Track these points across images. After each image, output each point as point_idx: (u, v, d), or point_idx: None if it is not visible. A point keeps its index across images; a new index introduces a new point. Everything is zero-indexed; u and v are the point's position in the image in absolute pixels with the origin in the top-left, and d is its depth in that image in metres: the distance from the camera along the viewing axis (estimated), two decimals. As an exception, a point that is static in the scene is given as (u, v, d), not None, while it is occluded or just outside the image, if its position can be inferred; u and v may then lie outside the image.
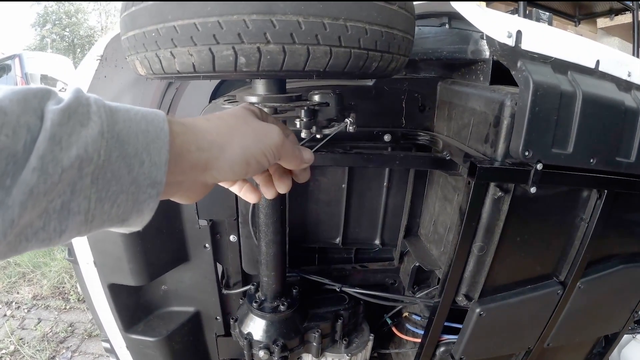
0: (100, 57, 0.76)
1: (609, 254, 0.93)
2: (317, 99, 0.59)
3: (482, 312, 0.81)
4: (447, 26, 0.83)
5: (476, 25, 0.66)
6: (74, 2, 17.16)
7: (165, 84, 1.13)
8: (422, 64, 0.90)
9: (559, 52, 0.71)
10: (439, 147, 0.84)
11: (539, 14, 2.27)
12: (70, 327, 2.25)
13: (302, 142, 0.72)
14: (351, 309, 0.91)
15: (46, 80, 6.67)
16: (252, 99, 0.58)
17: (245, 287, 0.94)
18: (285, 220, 0.76)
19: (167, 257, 0.93)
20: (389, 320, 1.05)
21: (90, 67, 0.77)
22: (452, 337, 0.89)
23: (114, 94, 0.99)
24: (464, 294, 0.80)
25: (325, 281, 0.92)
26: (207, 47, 0.40)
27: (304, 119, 0.58)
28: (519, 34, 0.68)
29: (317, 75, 0.43)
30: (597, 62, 0.76)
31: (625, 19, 2.69)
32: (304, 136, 0.60)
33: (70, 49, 17.08)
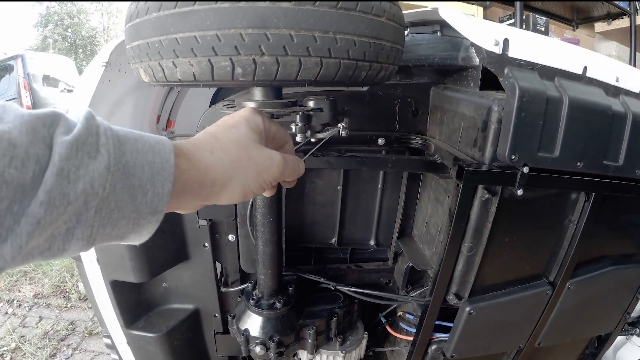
0: (105, 64, 0.79)
1: (598, 255, 0.95)
2: (311, 104, 0.62)
3: (472, 311, 0.83)
4: (439, 34, 0.86)
5: (464, 33, 0.69)
6: (76, 2, 17.26)
7: (167, 89, 1.16)
8: (416, 70, 0.93)
9: (546, 59, 0.73)
10: (431, 150, 0.86)
11: (536, 19, 2.30)
12: (71, 325, 2.28)
13: (297, 146, 0.75)
14: (346, 308, 0.94)
15: (48, 80, 6.70)
16: (250, 105, 0.60)
17: (243, 285, 0.97)
18: (281, 220, 0.79)
19: (168, 255, 0.96)
20: (383, 319, 1.07)
21: (95, 73, 0.80)
22: (443, 336, 0.92)
23: (117, 97, 1.03)
24: (454, 293, 0.83)
25: (320, 280, 0.95)
26: (206, 58, 0.43)
27: (299, 124, 0.61)
28: (506, 41, 0.70)
29: (309, 84, 0.45)
30: (585, 68, 0.78)
31: (622, 23, 2.72)
32: (299, 140, 0.63)
33: (72, 50, 17.16)
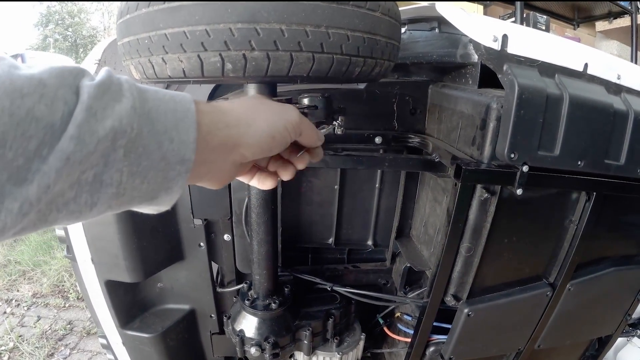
0: (98, 61, 0.78)
1: (599, 256, 0.94)
2: (306, 102, 0.60)
3: (470, 313, 0.82)
4: (437, 30, 0.85)
5: (462, 30, 0.67)
6: (77, 2, 17.27)
7: (163, 86, 1.15)
8: (413, 68, 0.92)
9: (546, 55, 0.71)
10: (429, 149, 0.85)
11: (537, 18, 2.28)
12: (69, 325, 2.27)
13: None
14: (342, 309, 0.92)
15: (49, 80, 6.72)
16: None
17: (238, 286, 0.96)
18: (276, 220, 0.78)
19: (163, 255, 0.95)
20: (381, 320, 1.06)
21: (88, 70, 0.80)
22: (442, 337, 0.91)
23: (112, 96, 1.02)
24: (452, 295, 0.81)
25: (317, 280, 0.93)
26: (195, 54, 0.42)
27: None
28: (505, 38, 0.69)
29: (301, 80, 0.44)
30: (586, 65, 0.77)
31: (623, 22, 2.70)
32: None
33: (72, 49, 17.17)
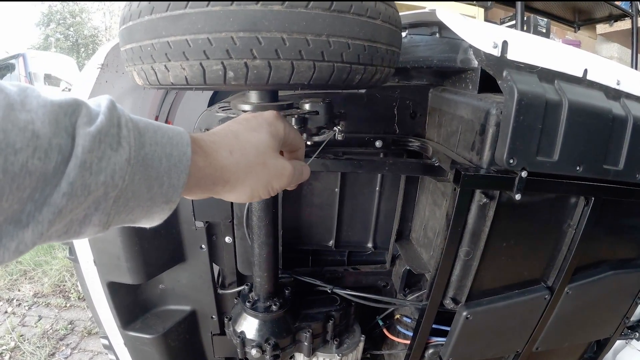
0: (101, 65, 0.79)
1: (597, 260, 0.94)
2: (307, 107, 0.61)
3: (469, 315, 0.82)
4: (437, 35, 0.86)
5: (461, 35, 0.68)
6: (78, 1, 17.29)
7: (164, 90, 1.16)
8: (414, 72, 0.93)
9: (545, 61, 0.72)
10: (429, 153, 0.86)
11: (537, 21, 2.28)
12: (70, 325, 2.28)
13: None
14: (342, 310, 0.93)
15: (50, 79, 6.72)
16: (245, 107, 0.60)
17: (239, 287, 0.97)
18: (277, 222, 0.78)
19: (164, 257, 0.96)
20: (380, 322, 1.07)
21: (91, 74, 0.80)
22: (440, 339, 0.91)
23: (115, 98, 1.02)
24: (451, 297, 0.82)
25: (317, 282, 0.94)
26: (198, 62, 0.43)
27: (295, 127, 0.60)
28: (505, 44, 0.70)
29: (302, 87, 0.45)
30: (585, 70, 0.77)
31: (624, 25, 2.70)
32: None
33: (74, 49, 17.20)
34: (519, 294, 0.88)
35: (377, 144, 0.86)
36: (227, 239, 0.94)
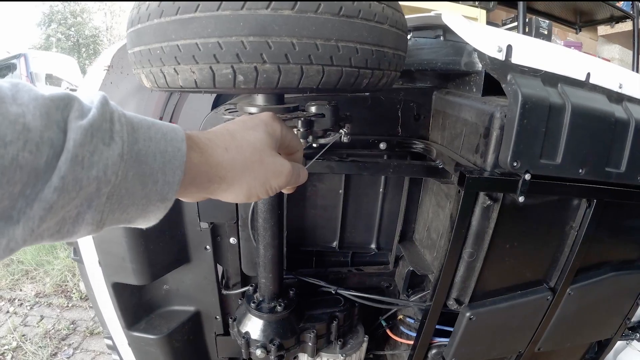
0: (107, 67, 0.80)
1: (599, 261, 0.95)
2: (313, 110, 0.62)
3: (472, 316, 0.83)
4: (442, 38, 0.86)
5: (467, 40, 0.69)
6: (79, 1, 17.30)
7: (168, 94, 1.16)
8: (418, 74, 0.93)
9: (549, 65, 0.72)
10: (432, 155, 0.86)
11: (539, 22, 2.29)
12: (72, 325, 2.28)
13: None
14: (346, 311, 0.94)
15: (51, 79, 6.72)
16: (252, 110, 0.61)
17: (244, 288, 0.97)
18: (282, 224, 0.79)
19: (169, 258, 0.96)
20: (384, 322, 1.07)
21: (97, 76, 0.81)
22: (443, 340, 0.92)
23: (119, 99, 1.03)
24: (454, 298, 0.83)
25: (321, 283, 0.95)
26: (207, 66, 0.43)
27: (301, 129, 0.61)
28: (509, 48, 0.70)
29: (310, 91, 0.45)
30: (588, 74, 0.78)
31: (625, 26, 2.71)
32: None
33: (75, 49, 17.20)
34: (521, 294, 0.88)
35: (382, 146, 0.86)
36: (232, 240, 0.95)
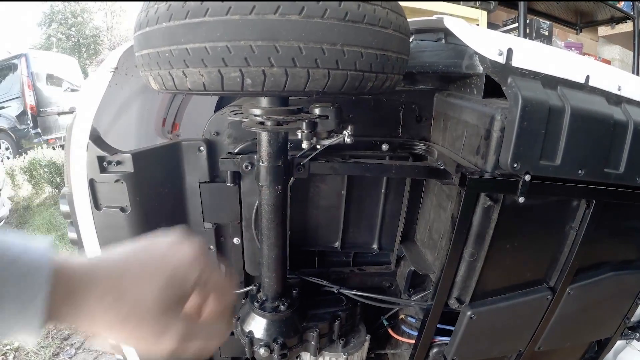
0: (114, 69, 0.81)
1: (598, 261, 0.96)
2: (317, 112, 0.63)
3: (473, 315, 0.84)
4: (443, 41, 0.87)
5: (468, 43, 0.70)
6: (80, 1, 17.31)
7: (172, 93, 1.17)
8: (419, 77, 0.94)
9: (549, 68, 0.73)
10: (434, 156, 0.87)
11: (540, 23, 2.30)
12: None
13: (302, 152, 0.76)
14: (348, 311, 0.95)
15: (52, 79, 6.72)
16: (256, 112, 0.62)
17: (247, 288, 0.98)
18: (286, 225, 0.80)
19: (173, 257, 0.97)
20: (385, 321, 1.08)
21: (104, 77, 0.82)
22: (445, 339, 0.93)
23: (124, 100, 1.04)
24: (455, 298, 0.84)
25: (324, 283, 0.96)
26: (216, 69, 0.44)
27: (305, 131, 0.62)
28: (510, 51, 0.71)
29: (316, 94, 0.47)
30: (587, 77, 0.79)
31: (626, 27, 2.72)
32: (305, 147, 0.64)
33: (75, 49, 17.21)
34: (521, 294, 0.89)
35: (384, 147, 0.87)
36: (236, 240, 0.96)
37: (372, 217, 1.01)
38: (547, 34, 2.34)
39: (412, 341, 1.02)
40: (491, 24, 2.45)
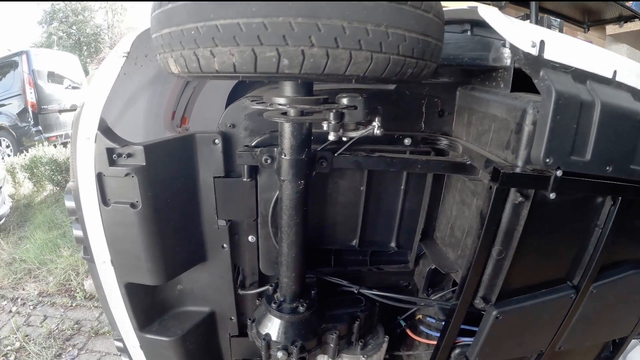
0: (126, 54, 0.76)
1: (621, 259, 0.94)
2: (345, 102, 0.60)
3: (498, 315, 0.81)
4: (469, 33, 0.84)
5: (502, 34, 0.67)
6: (81, 1, 17.24)
7: (182, 84, 1.14)
8: (442, 69, 0.91)
9: (578, 62, 0.72)
10: (458, 151, 0.84)
11: (550, 21, 2.27)
12: (76, 325, 2.25)
13: (325, 144, 0.73)
14: (368, 311, 0.91)
15: (53, 77, 6.67)
16: (280, 101, 0.58)
17: (262, 288, 0.95)
18: (307, 221, 0.77)
19: (185, 256, 0.94)
20: (402, 322, 1.05)
21: (115, 63, 0.77)
22: (466, 340, 0.90)
23: (132, 92, 1.00)
24: (481, 297, 0.81)
25: (343, 283, 0.92)
26: (250, 48, 0.41)
27: (332, 122, 0.59)
28: (542, 43, 0.69)
29: (355, 80, 0.43)
30: (615, 72, 0.77)
31: (634, 26, 2.70)
32: (332, 138, 0.61)
33: (76, 47, 17.13)
34: (545, 293, 0.87)
35: (406, 141, 0.84)
36: (251, 238, 0.93)
37: (391, 215, 0.98)
38: (557, 31, 2.31)
39: (431, 342, 0.99)
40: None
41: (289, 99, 0.58)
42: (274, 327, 0.82)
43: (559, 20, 2.28)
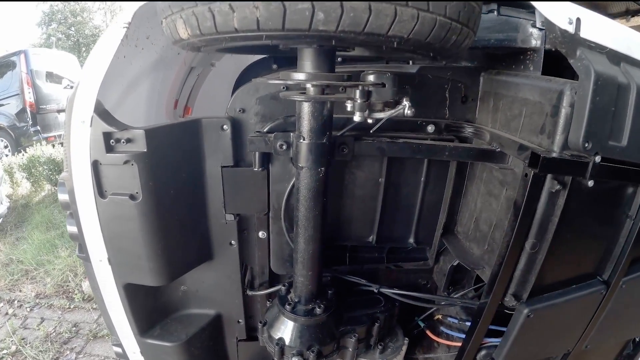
0: (127, 24, 0.68)
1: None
2: (372, 78, 0.54)
3: (530, 313, 0.77)
4: (495, 13, 0.79)
5: (539, 8, 0.63)
6: (80, 1, 17.18)
7: (186, 70, 1.07)
8: (465, 52, 0.86)
9: (613, 42, 0.68)
10: (485, 138, 0.79)
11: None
12: (74, 328, 2.19)
13: (348, 127, 0.66)
14: (388, 312, 0.85)
15: (51, 77, 6.61)
16: (300, 77, 0.53)
17: (274, 288, 0.88)
18: (326, 214, 0.70)
19: (190, 255, 0.87)
20: (421, 323, 0.99)
21: (115, 35, 0.69)
22: (494, 340, 0.84)
23: (132, 77, 0.92)
24: (512, 294, 0.75)
25: (362, 282, 0.86)
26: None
27: (359, 100, 0.53)
28: (579, 21, 0.66)
29: (397, 43, 0.38)
30: (647, 55, 0.73)
31: (641, 20, 2.66)
32: (358, 119, 0.55)
33: (75, 48, 17.05)
34: (576, 289, 0.83)
35: (429, 128, 0.79)
36: (261, 234, 0.86)
37: (410, 208, 0.91)
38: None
39: (452, 343, 0.94)
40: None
41: (310, 75, 0.52)
42: (288, 330, 0.75)
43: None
